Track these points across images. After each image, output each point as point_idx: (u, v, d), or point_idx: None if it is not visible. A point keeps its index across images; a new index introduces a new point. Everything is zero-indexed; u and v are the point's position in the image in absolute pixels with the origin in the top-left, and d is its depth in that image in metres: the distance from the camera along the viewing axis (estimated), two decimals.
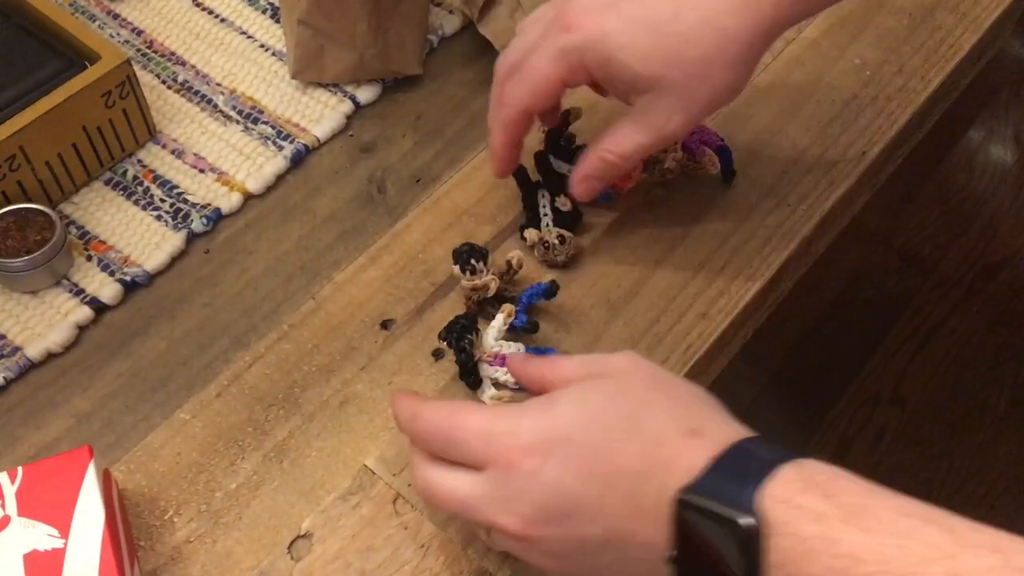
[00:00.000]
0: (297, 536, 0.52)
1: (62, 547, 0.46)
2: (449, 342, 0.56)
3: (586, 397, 0.45)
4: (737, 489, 0.40)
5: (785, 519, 0.39)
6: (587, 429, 0.44)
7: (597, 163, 0.56)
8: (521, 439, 0.44)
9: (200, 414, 0.56)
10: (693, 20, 0.51)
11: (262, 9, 0.73)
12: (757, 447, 0.42)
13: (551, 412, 0.45)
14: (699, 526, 0.41)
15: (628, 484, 0.43)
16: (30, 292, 0.60)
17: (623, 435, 0.43)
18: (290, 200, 0.65)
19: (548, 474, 0.43)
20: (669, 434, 0.43)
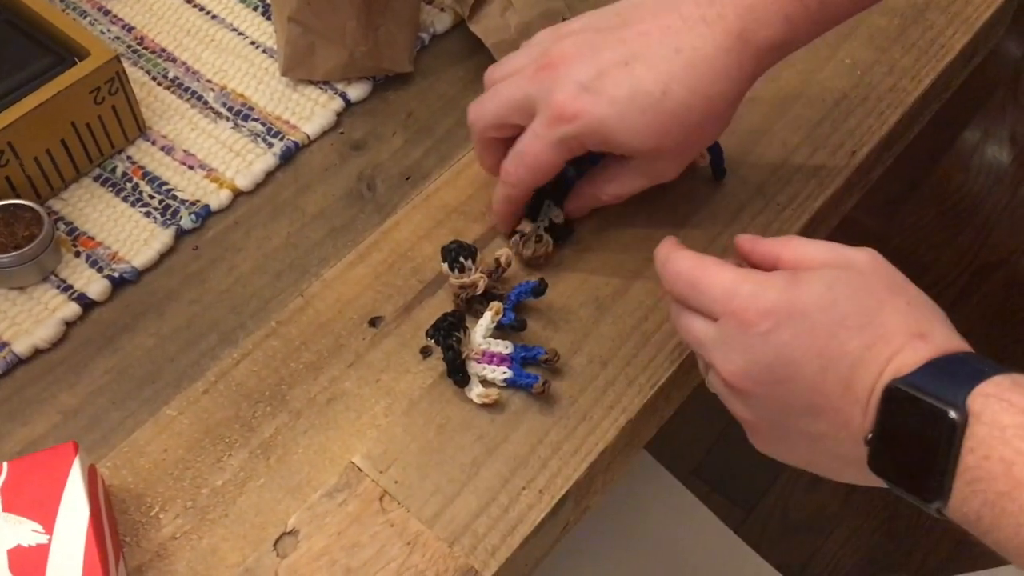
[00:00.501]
0: (283, 533, 0.52)
1: (46, 543, 0.46)
2: (437, 340, 0.56)
3: (833, 282, 0.47)
4: (950, 387, 0.43)
5: (987, 410, 0.41)
6: (826, 309, 0.46)
7: (591, 201, 0.61)
8: (763, 301, 0.47)
9: (187, 411, 0.56)
10: (682, 96, 0.54)
11: (253, 6, 0.73)
12: (977, 358, 0.45)
13: (797, 286, 0.47)
14: (904, 414, 0.43)
15: (848, 368, 0.46)
16: (18, 288, 0.60)
17: (857, 323, 0.46)
18: (280, 197, 0.65)
19: (779, 338, 0.47)
20: (898, 332, 0.45)
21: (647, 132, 0.54)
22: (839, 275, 0.48)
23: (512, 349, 0.57)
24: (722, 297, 0.49)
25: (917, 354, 0.45)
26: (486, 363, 0.56)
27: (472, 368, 0.56)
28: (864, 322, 0.46)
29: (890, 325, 0.46)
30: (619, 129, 0.54)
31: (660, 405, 0.59)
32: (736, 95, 0.55)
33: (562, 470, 0.55)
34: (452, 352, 0.56)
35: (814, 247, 0.50)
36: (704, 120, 0.55)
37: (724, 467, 1.45)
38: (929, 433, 0.42)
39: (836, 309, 0.46)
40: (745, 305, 0.48)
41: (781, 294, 0.47)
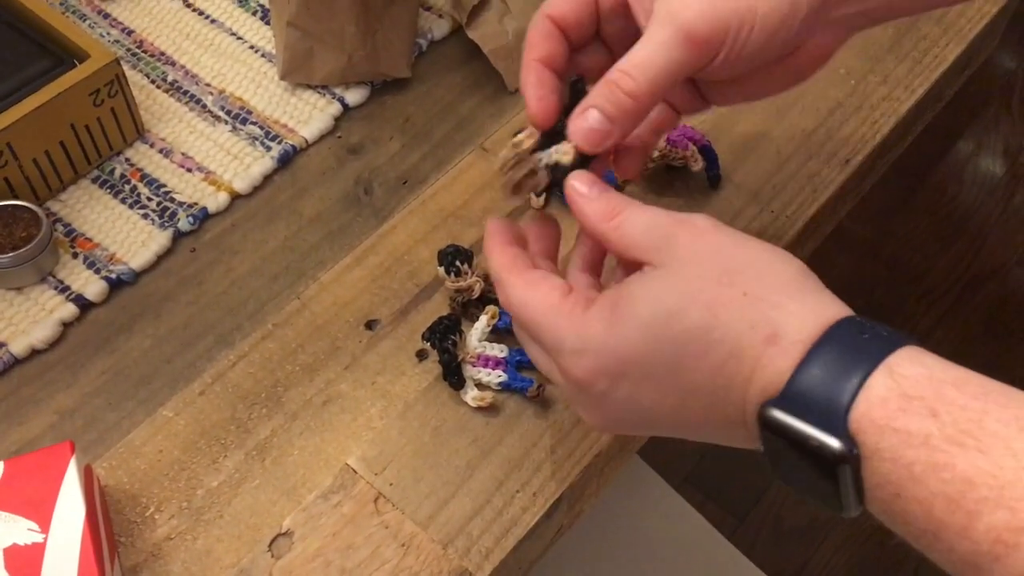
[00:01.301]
0: (278, 534, 0.53)
1: (42, 542, 0.46)
2: (432, 342, 0.57)
3: (653, 307, 0.41)
4: (825, 410, 0.37)
5: (882, 445, 0.36)
6: (657, 348, 0.40)
7: (602, 88, 0.45)
8: (587, 362, 0.42)
9: (183, 412, 0.56)
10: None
11: (252, 11, 0.73)
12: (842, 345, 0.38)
13: (618, 329, 0.41)
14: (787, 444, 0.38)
15: (707, 398, 0.41)
16: (15, 288, 0.60)
17: (697, 349, 0.40)
18: (277, 200, 0.65)
19: (620, 394, 0.42)
20: (746, 343, 0.39)
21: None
22: (656, 292, 0.41)
23: (507, 353, 0.57)
24: (551, 351, 0.44)
25: (776, 366, 0.39)
26: (481, 366, 0.57)
27: (467, 371, 0.57)
28: (703, 343, 0.40)
29: (732, 336, 0.39)
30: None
31: None
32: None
33: (556, 473, 0.55)
34: (448, 355, 0.56)
35: (635, 231, 0.43)
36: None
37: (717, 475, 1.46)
38: (820, 468, 0.37)
39: (666, 341, 0.40)
40: (572, 367, 0.43)
41: (604, 345, 0.42)
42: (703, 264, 0.41)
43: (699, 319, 0.40)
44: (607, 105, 0.45)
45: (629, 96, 0.44)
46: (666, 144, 0.63)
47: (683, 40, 0.44)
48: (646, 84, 0.44)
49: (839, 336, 0.38)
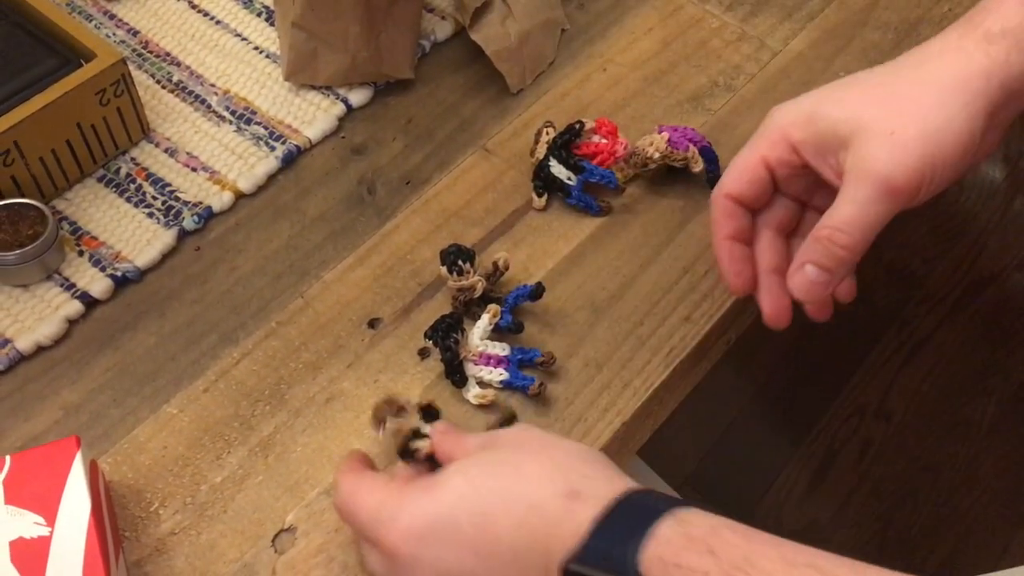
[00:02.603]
0: (281, 529, 0.53)
1: (48, 535, 0.47)
2: (435, 340, 0.57)
3: (466, 471, 0.45)
4: (620, 553, 0.40)
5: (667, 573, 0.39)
6: (464, 506, 0.43)
7: (813, 244, 0.50)
8: (400, 525, 0.44)
9: (187, 408, 0.57)
10: (891, 70, 0.51)
11: (257, 12, 0.74)
12: (637, 503, 0.42)
13: (430, 492, 0.45)
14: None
15: (510, 555, 0.42)
16: (21, 286, 0.60)
17: (501, 505, 0.43)
18: (281, 200, 0.66)
19: (426, 558, 0.43)
20: (548, 499, 0.42)
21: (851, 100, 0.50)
22: (471, 462, 0.45)
23: (509, 351, 0.58)
24: (370, 526, 0.46)
25: (577, 520, 0.41)
26: (483, 364, 0.57)
27: (469, 369, 0.57)
28: (507, 499, 0.43)
29: (534, 493, 0.43)
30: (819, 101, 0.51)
31: (654, 408, 0.60)
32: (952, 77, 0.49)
33: None
34: (450, 353, 0.56)
35: (469, 440, 0.48)
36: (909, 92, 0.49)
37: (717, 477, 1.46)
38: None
39: (472, 499, 0.43)
40: (387, 532, 0.45)
41: (416, 508, 0.44)
42: (522, 442, 0.46)
43: (505, 477, 0.44)
44: (824, 260, 0.50)
45: (844, 249, 0.49)
46: (667, 146, 0.64)
47: (885, 194, 0.48)
48: (859, 237, 0.49)
49: (634, 497, 0.42)
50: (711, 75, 0.72)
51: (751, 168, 0.53)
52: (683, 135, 0.64)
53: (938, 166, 0.48)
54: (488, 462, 0.45)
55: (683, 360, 0.59)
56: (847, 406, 1.54)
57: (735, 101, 0.71)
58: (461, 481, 0.44)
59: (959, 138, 0.48)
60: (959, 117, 0.48)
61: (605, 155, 0.65)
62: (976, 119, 0.48)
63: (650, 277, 0.62)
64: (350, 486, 0.48)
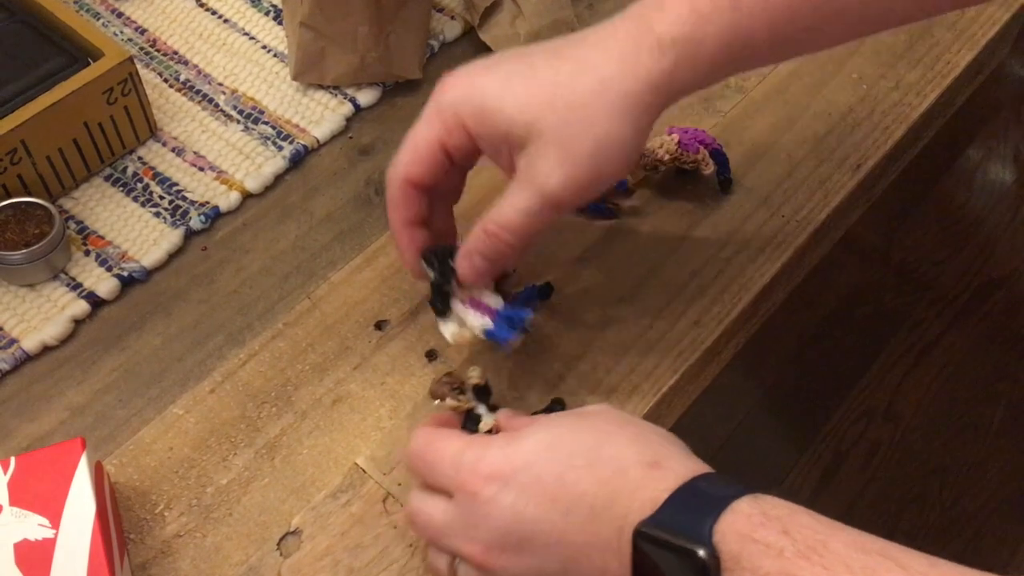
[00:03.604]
0: (287, 532, 0.53)
1: (53, 537, 0.47)
2: (431, 262, 0.54)
3: (551, 429, 0.46)
4: (696, 522, 0.40)
5: (743, 553, 0.39)
6: (549, 457, 0.45)
7: (480, 236, 0.52)
8: (484, 465, 0.45)
9: (193, 410, 0.56)
10: (569, 68, 0.49)
11: (265, 11, 0.74)
12: (716, 481, 0.43)
13: (516, 442, 0.46)
14: (656, 557, 0.41)
15: (587, 512, 0.43)
16: (28, 285, 0.60)
17: (584, 462, 0.44)
18: (288, 200, 0.65)
19: (506, 500, 0.44)
20: (630, 464, 0.44)
21: (526, 101, 0.49)
22: (555, 421, 0.47)
23: (501, 305, 0.55)
24: (450, 469, 0.46)
25: (657, 487, 0.42)
26: (472, 308, 0.55)
27: (456, 307, 0.55)
28: (592, 458, 0.44)
29: (618, 457, 0.44)
30: (496, 95, 0.49)
31: (663, 412, 0.59)
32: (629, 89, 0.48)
33: None
34: (444, 278, 0.54)
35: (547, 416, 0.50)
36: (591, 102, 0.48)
37: None
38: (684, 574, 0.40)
39: (558, 452, 0.45)
40: (470, 472, 0.45)
41: (501, 452, 0.45)
42: (601, 415, 0.48)
43: (591, 438, 0.45)
44: (490, 252, 0.52)
45: (509, 246, 0.51)
46: (677, 148, 0.64)
47: (551, 207, 0.50)
48: (522, 238, 0.51)
49: (712, 476, 0.44)
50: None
51: (430, 153, 0.52)
52: (694, 137, 0.64)
53: (604, 177, 0.50)
54: (575, 424, 0.47)
55: (692, 364, 0.59)
56: (855, 409, 1.54)
57: (745, 103, 0.70)
58: (547, 436, 0.46)
59: (626, 150, 0.49)
60: (629, 131, 0.49)
61: None
62: (643, 131, 0.50)
63: (659, 280, 0.62)
64: (430, 435, 0.49)
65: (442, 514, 0.47)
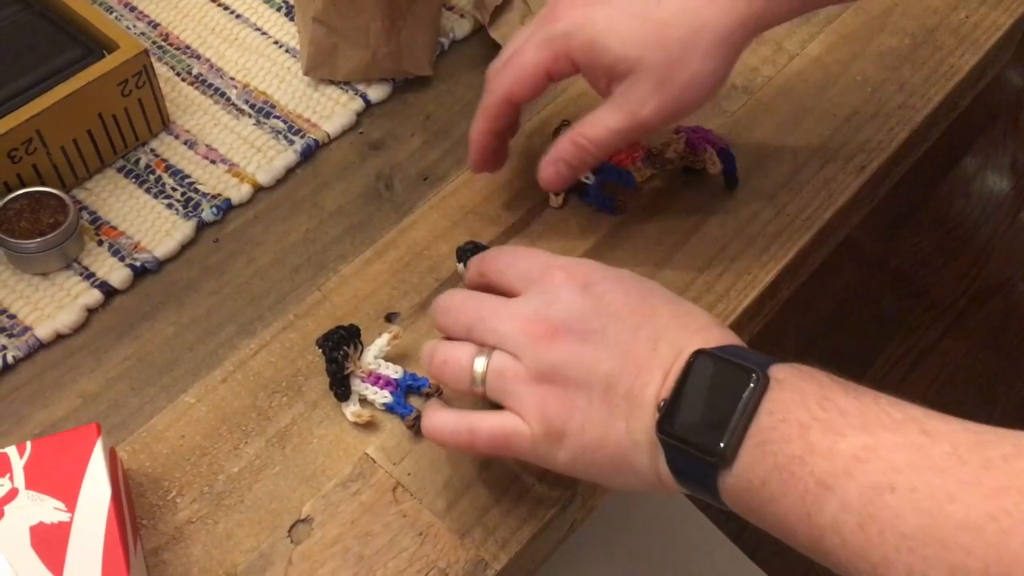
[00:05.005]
0: (297, 520, 0.53)
1: (68, 521, 0.47)
2: (324, 350, 0.57)
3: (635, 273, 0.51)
4: (752, 359, 0.44)
5: (790, 377, 0.43)
6: (637, 281, 0.50)
7: (568, 145, 0.58)
8: (581, 265, 0.50)
9: (205, 398, 0.57)
10: (673, 8, 0.54)
11: (276, 7, 0.74)
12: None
13: (608, 268, 0.50)
14: (707, 373, 0.44)
15: (658, 329, 0.47)
16: (41, 274, 0.61)
17: (665, 296, 0.49)
18: (299, 193, 0.66)
19: (595, 291, 0.48)
20: (702, 316, 0.48)
21: (632, 38, 0.54)
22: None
23: (401, 375, 0.57)
24: (539, 264, 0.50)
25: (722, 336, 0.47)
26: (370, 383, 0.56)
27: (356, 385, 0.57)
28: (672, 298, 0.49)
29: (694, 310, 0.49)
30: (606, 29, 0.54)
31: None
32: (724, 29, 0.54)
33: None
34: (335, 365, 0.56)
35: None
36: (689, 42, 0.54)
37: None
38: (727, 390, 0.43)
39: (647, 282, 0.50)
40: (562, 267, 0.49)
41: (595, 264, 0.50)
42: None
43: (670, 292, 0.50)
44: (574, 161, 0.58)
45: (592, 157, 0.58)
46: (685, 147, 0.64)
47: (638, 128, 0.56)
48: (605, 152, 0.58)
49: None
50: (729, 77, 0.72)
51: (535, 77, 0.57)
52: (701, 137, 0.65)
53: (690, 107, 0.56)
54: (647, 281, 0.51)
55: None
56: None
57: (752, 103, 0.71)
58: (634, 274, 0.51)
59: (714, 83, 0.56)
60: (720, 67, 0.55)
61: (623, 155, 0.65)
62: (731, 65, 0.56)
63: (665, 277, 0.62)
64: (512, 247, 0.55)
65: (500, 301, 0.50)
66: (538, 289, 0.49)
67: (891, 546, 0.37)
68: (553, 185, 0.60)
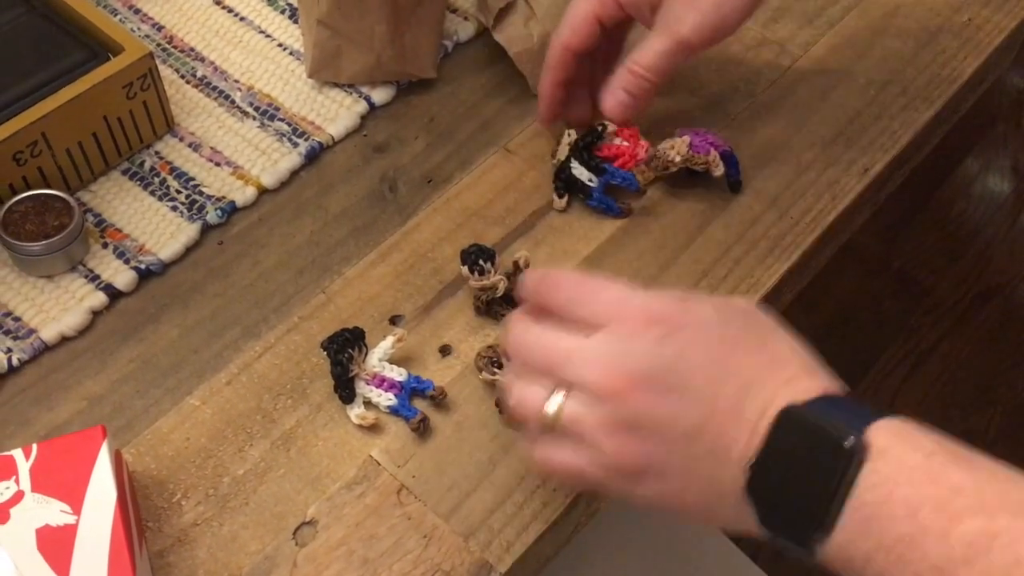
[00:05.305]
0: (302, 523, 0.53)
1: (74, 523, 0.47)
2: (329, 352, 0.57)
3: (722, 307, 0.47)
4: (846, 418, 0.41)
5: (893, 448, 0.40)
6: (720, 323, 0.45)
7: (624, 74, 0.62)
8: (657, 307, 0.45)
9: (210, 401, 0.57)
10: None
11: (280, 9, 0.74)
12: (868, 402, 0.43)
13: (688, 302, 0.46)
14: (797, 436, 0.41)
15: (742, 384, 0.43)
16: (46, 276, 0.61)
17: (751, 341, 0.45)
18: (303, 196, 0.66)
19: (675, 344, 0.44)
20: (792, 359, 0.45)
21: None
22: (726, 302, 0.48)
23: (405, 377, 0.57)
24: (614, 303, 0.46)
25: (812, 384, 0.43)
26: (375, 386, 0.57)
27: (360, 388, 0.57)
28: (759, 343, 0.45)
29: (783, 352, 0.45)
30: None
31: None
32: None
33: None
34: (340, 368, 0.56)
35: None
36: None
37: None
38: (822, 460, 0.40)
39: (731, 325, 0.45)
40: (640, 308, 0.45)
41: (675, 305, 0.45)
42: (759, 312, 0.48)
43: (757, 326, 0.46)
44: (632, 88, 0.62)
45: (649, 83, 0.62)
46: (688, 150, 0.64)
47: (682, 49, 0.60)
48: (660, 77, 0.62)
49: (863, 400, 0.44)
50: (731, 79, 0.72)
51: (587, 24, 0.62)
52: (704, 139, 0.65)
53: (725, 24, 0.60)
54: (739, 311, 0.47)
55: None
56: None
57: (755, 106, 0.71)
58: (718, 308, 0.46)
59: (746, 2, 0.60)
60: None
61: (626, 158, 0.65)
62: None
63: (669, 279, 0.63)
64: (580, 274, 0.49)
65: (574, 342, 0.45)
66: (614, 335, 0.45)
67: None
68: (616, 114, 0.63)
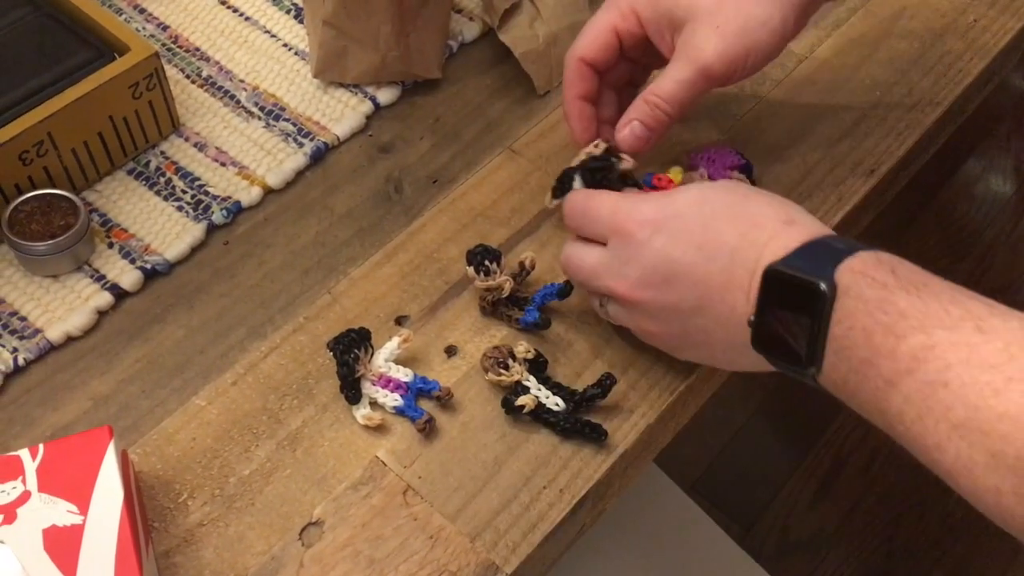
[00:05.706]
0: (308, 523, 0.53)
1: (81, 523, 0.47)
2: (335, 353, 0.57)
3: (703, 188, 0.54)
4: (820, 264, 0.47)
5: (854, 285, 0.45)
6: (698, 209, 0.52)
7: (640, 104, 0.60)
8: (639, 213, 0.53)
9: (216, 401, 0.57)
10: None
11: (286, 9, 0.74)
12: (844, 239, 0.49)
13: (670, 196, 0.54)
14: (782, 290, 0.48)
15: (727, 257, 0.50)
16: (52, 276, 0.61)
17: (728, 215, 0.51)
18: (309, 196, 0.66)
19: (657, 243, 0.52)
20: (768, 219, 0.51)
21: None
22: (707, 184, 0.56)
23: (411, 378, 0.57)
24: (608, 216, 0.54)
25: (790, 238, 0.49)
26: (381, 387, 0.57)
27: (366, 388, 0.57)
28: (735, 213, 0.51)
29: (759, 215, 0.51)
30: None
31: (677, 411, 0.60)
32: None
33: (582, 471, 0.56)
34: (346, 368, 0.56)
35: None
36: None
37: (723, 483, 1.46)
38: (803, 307, 0.47)
39: (706, 206, 0.52)
40: (625, 218, 0.53)
41: (656, 203, 0.53)
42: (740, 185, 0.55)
43: (735, 197, 0.53)
44: (648, 120, 0.60)
45: (666, 115, 0.59)
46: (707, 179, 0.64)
47: (704, 78, 0.58)
48: (678, 108, 0.59)
49: (838, 236, 0.50)
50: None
51: (604, 35, 0.60)
52: (720, 168, 0.64)
53: (751, 55, 0.58)
54: (721, 187, 0.54)
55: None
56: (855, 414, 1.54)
57: (760, 107, 0.71)
58: (697, 193, 0.53)
59: (773, 32, 0.58)
60: (776, 14, 0.57)
61: None
62: (789, 15, 0.58)
63: None
64: (587, 193, 0.57)
65: (595, 258, 0.55)
66: (612, 249, 0.54)
67: (943, 435, 0.42)
68: (632, 146, 0.60)
